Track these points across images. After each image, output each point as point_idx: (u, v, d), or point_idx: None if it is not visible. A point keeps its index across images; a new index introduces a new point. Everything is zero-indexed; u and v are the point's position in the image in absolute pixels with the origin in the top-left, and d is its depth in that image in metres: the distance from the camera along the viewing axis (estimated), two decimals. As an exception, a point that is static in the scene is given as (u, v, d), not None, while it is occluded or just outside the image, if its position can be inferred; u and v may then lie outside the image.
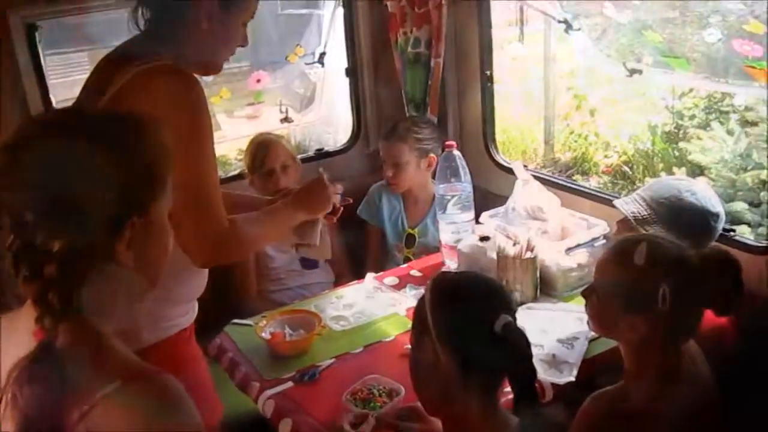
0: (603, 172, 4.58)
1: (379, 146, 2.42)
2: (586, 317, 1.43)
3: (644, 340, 1.31)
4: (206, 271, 1.41)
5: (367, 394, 1.47)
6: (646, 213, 1.66)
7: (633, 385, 1.32)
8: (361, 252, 2.53)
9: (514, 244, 1.87)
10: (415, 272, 2.14)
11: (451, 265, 2.09)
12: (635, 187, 4.25)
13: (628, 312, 1.31)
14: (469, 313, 1.12)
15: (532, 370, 1.10)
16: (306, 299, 2.06)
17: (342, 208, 1.64)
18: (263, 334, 1.73)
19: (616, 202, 1.76)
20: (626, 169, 4.47)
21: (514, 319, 1.14)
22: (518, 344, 1.10)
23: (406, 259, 2.39)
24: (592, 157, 4.72)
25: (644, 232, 1.60)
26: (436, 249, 2.23)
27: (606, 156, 4.68)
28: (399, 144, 2.35)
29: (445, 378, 1.12)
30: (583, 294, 1.43)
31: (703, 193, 1.67)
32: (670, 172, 3.99)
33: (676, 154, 4.11)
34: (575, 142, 4.86)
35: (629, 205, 1.70)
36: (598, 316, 1.40)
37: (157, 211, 0.88)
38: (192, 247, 1.25)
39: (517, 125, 5.16)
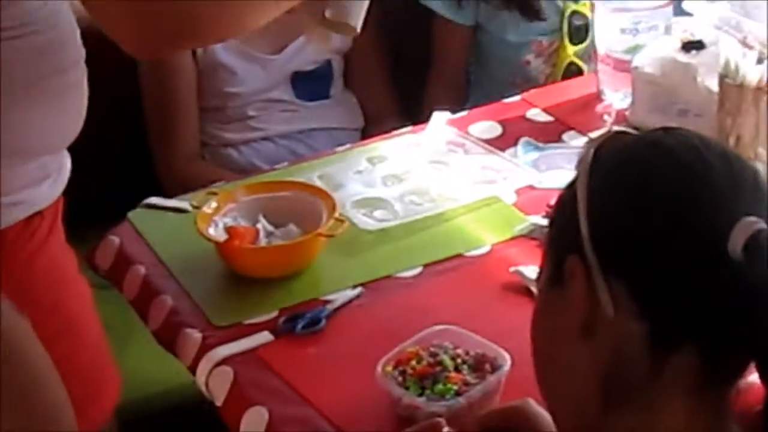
0: None
1: None
2: None
3: None
4: (82, 90, 1.47)
5: (431, 366, 1.49)
6: None
7: None
8: (421, 71, 2.65)
9: (760, 61, 1.86)
10: (536, 113, 2.19)
11: (616, 100, 2.14)
12: None
13: None
14: (676, 216, 1.10)
15: None
16: (303, 161, 2.12)
17: None
18: (211, 231, 1.76)
19: None
20: None
21: None
22: None
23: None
24: None
25: None
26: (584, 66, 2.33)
27: None
28: None
29: (615, 352, 1.11)
30: None
31: None
32: None
33: None
34: None
35: None
36: None
37: None
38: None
39: None
